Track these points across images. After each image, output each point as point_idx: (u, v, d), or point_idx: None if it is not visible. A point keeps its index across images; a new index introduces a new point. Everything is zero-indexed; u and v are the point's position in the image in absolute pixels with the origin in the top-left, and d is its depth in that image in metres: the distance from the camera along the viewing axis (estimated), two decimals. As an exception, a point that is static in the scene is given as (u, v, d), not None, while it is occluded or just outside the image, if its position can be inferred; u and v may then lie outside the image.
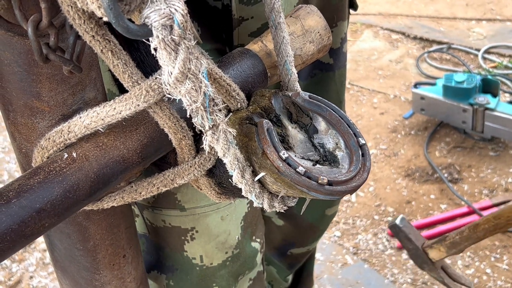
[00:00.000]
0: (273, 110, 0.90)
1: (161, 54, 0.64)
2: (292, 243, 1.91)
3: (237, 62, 0.94)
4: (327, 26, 1.06)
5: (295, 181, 0.79)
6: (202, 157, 0.88)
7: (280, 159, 0.80)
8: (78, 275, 0.98)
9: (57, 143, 0.78)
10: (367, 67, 3.77)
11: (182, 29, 0.63)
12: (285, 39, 0.94)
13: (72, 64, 0.71)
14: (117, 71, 0.74)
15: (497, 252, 2.52)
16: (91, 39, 0.68)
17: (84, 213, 0.89)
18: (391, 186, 2.89)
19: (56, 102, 0.78)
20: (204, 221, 1.20)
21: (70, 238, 0.92)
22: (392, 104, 3.42)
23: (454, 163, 2.98)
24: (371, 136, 3.20)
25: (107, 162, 0.78)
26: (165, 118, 0.80)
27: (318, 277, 2.47)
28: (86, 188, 0.76)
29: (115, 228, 0.95)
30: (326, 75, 1.59)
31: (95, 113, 0.76)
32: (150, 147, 0.83)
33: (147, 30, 0.63)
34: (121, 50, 0.72)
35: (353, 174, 0.84)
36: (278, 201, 0.90)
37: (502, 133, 2.97)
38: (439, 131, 3.18)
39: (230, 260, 1.27)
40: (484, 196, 2.79)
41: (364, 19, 4.22)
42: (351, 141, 0.88)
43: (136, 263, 1.04)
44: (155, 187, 0.88)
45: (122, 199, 0.87)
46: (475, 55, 3.75)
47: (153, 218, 1.23)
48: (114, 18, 0.60)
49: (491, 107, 2.92)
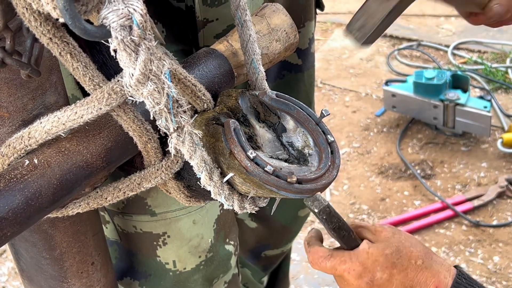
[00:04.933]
0: (240, 109, 0.89)
1: (121, 56, 0.63)
2: (265, 245, 1.90)
3: (203, 62, 0.93)
4: (293, 24, 1.05)
5: (264, 181, 0.79)
6: (169, 160, 0.86)
7: (247, 158, 0.79)
8: (46, 284, 0.96)
9: (18, 149, 0.76)
10: (338, 66, 3.78)
11: (142, 29, 0.62)
12: (252, 37, 0.93)
13: (30, 68, 0.69)
14: (77, 74, 0.72)
15: (471, 246, 2.54)
16: (49, 41, 0.67)
17: (49, 221, 0.87)
18: (365, 184, 2.89)
19: (16, 108, 0.76)
20: (176, 225, 1.19)
21: (35, 246, 0.90)
22: (364, 102, 3.44)
23: (427, 159, 2.99)
24: (344, 135, 3.20)
25: (70, 167, 0.76)
26: (129, 121, 0.78)
27: (294, 277, 2.46)
28: (48, 195, 0.74)
29: (82, 235, 0.93)
30: (295, 76, 1.59)
31: (56, 117, 0.74)
32: (115, 151, 0.81)
33: (105, 31, 0.61)
34: (80, 52, 0.70)
35: (323, 172, 0.83)
36: (249, 202, 0.89)
37: (473, 128, 3.00)
38: (411, 127, 3.19)
39: (204, 264, 1.26)
40: (457, 191, 2.81)
41: (334, 18, 4.23)
42: (320, 139, 0.88)
43: (105, 271, 1.02)
44: (121, 192, 0.86)
45: (88, 205, 0.85)
46: (445, 51, 3.78)
47: (124, 224, 1.21)
48: (70, 19, 0.59)
49: (462, 102, 2.94)
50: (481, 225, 2.62)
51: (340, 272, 1.00)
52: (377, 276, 0.98)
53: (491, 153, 2.99)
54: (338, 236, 1.01)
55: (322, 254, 1.02)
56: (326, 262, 1.01)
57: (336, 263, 1.00)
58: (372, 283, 0.98)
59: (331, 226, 0.99)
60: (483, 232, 2.61)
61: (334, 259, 1.00)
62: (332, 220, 0.98)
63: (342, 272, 1.00)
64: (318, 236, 1.07)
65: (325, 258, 1.01)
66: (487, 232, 2.60)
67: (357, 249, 1.00)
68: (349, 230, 1.01)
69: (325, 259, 1.01)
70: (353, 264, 0.99)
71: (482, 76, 3.46)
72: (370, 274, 0.98)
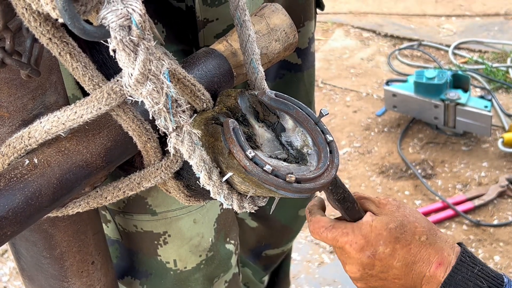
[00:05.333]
0: (239, 109, 0.89)
1: (120, 56, 0.63)
2: (266, 244, 1.90)
3: (202, 62, 0.93)
4: (293, 24, 1.05)
5: (263, 180, 0.79)
6: (168, 159, 0.86)
7: (246, 158, 0.79)
8: (46, 283, 0.96)
9: (18, 149, 0.76)
10: (339, 66, 3.78)
11: (141, 29, 0.62)
12: (251, 37, 0.93)
13: (29, 68, 0.70)
14: (76, 74, 0.72)
15: (472, 246, 2.54)
16: (48, 41, 0.67)
17: (49, 220, 0.88)
18: (365, 184, 2.89)
19: (16, 108, 0.77)
20: (176, 224, 1.19)
21: (36, 246, 0.91)
22: (364, 102, 3.44)
23: (427, 159, 2.99)
24: (345, 135, 3.21)
25: (69, 167, 0.76)
26: (129, 120, 0.78)
27: (295, 277, 2.46)
28: (48, 195, 0.74)
29: (82, 235, 0.93)
30: (295, 75, 1.59)
31: (56, 117, 0.74)
32: (115, 151, 0.81)
33: (104, 31, 0.61)
34: (80, 52, 0.71)
35: (321, 171, 0.84)
36: (248, 202, 0.89)
37: (473, 128, 3.00)
38: (412, 127, 3.19)
39: (204, 263, 1.26)
40: (458, 191, 2.81)
41: (335, 18, 4.23)
42: (319, 139, 0.88)
43: (105, 270, 1.02)
44: (121, 191, 0.86)
45: (88, 205, 0.85)
46: (445, 51, 3.78)
47: (125, 223, 1.21)
48: (70, 20, 0.59)
49: (462, 102, 2.94)
50: (482, 224, 2.62)
51: (341, 244, 0.97)
52: (379, 250, 0.95)
53: (491, 153, 2.99)
54: (342, 208, 0.98)
55: (323, 224, 0.99)
56: (328, 232, 0.98)
57: (337, 234, 0.97)
58: (373, 257, 0.95)
59: (336, 197, 0.96)
60: (483, 232, 2.61)
61: (336, 230, 0.97)
62: (337, 191, 0.95)
63: (343, 244, 0.97)
64: (320, 205, 1.04)
65: (327, 228, 0.98)
66: (487, 232, 2.60)
67: (360, 221, 0.97)
68: (353, 201, 0.98)
69: (327, 229, 0.98)
70: (355, 237, 0.96)
71: (483, 76, 3.46)
72: (372, 248, 0.95)
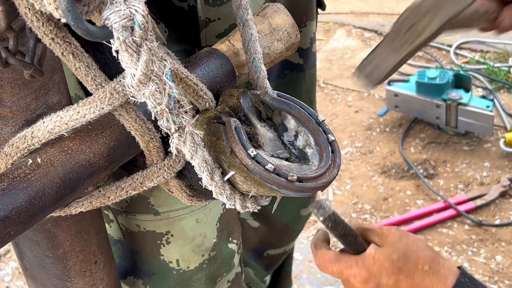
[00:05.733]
0: (242, 109, 0.89)
1: (123, 56, 0.63)
2: (268, 244, 1.91)
3: (204, 62, 0.93)
4: (295, 24, 1.05)
5: (265, 179, 0.79)
6: (171, 159, 0.87)
7: (248, 157, 0.79)
8: (49, 283, 0.97)
9: (21, 149, 0.76)
10: (341, 65, 3.78)
11: (143, 30, 0.62)
12: (253, 36, 0.93)
13: (33, 68, 0.70)
14: (79, 74, 0.72)
15: (474, 246, 2.54)
16: (51, 41, 0.67)
17: (52, 220, 0.88)
18: (367, 184, 2.90)
19: (19, 107, 0.77)
20: (179, 224, 1.19)
21: (39, 245, 0.91)
22: (366, 102, 3.44)
23: (429, 158, 2.99)
24: (347, 134, 3.21)
25: (73, 167, 0.77)
26: (131, 120, 0.78)
27: (297, 276, 2.47)
28: (52, 194, 0.74)
29: (85, 234, 0.94)
30: (297, 75, 1.59)
31: (59, 117, 0.74)
32: (117, 150, 0.82)
33: (107, 32, 0.61)
34: (82, 52, 0.71)
35: (323, 171, 0.84)
36: (251, 201, 0.89)
37: (475, 128, 3.00)
38: (414, 127, 3.19)
39: (207, 263, 1.26)
40: (460, 191, 2.81)
41: (337, 18, 4.23)
42: (321, 138, 0.88)
43: (108, 269, 1.03)
44: (123, 191, 0.86)
45: (91, 204, 0.86)
46: (447, 51, 3.78)
47: (127, 223, 1.22)
48: (73, 20, 0.59)
49: (464, 102, 2.94)
50: (484, 224, 2.62)
51: (346, 277, 1.00)
52: (383, 282, 0.98)
53: (493, 153, 2.99)
54: (344, 242, 1.01)
55: (328, 258, 1.02)
56: (333, 266, 1.01)
57: (342, 267, 1.00)
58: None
59: (337, 233, 0.99)
60: (485, 232, 2.61)
61: (340, 264, 1.00)
62: (337, 228, 0.98)
63: (348, 277, 1.00)
64: (325, 238, 1.07)
65: (332, 262, 1.01)
66: (489, 232, 2.60)
67: (363, 254, 1.00)
68: (355, 236, 1.01)
69: (332, 263, 1.01)
70: (359, 270, 0.99)
71: (485, 76, 3.45)
72: (376, 280, 0.98)
